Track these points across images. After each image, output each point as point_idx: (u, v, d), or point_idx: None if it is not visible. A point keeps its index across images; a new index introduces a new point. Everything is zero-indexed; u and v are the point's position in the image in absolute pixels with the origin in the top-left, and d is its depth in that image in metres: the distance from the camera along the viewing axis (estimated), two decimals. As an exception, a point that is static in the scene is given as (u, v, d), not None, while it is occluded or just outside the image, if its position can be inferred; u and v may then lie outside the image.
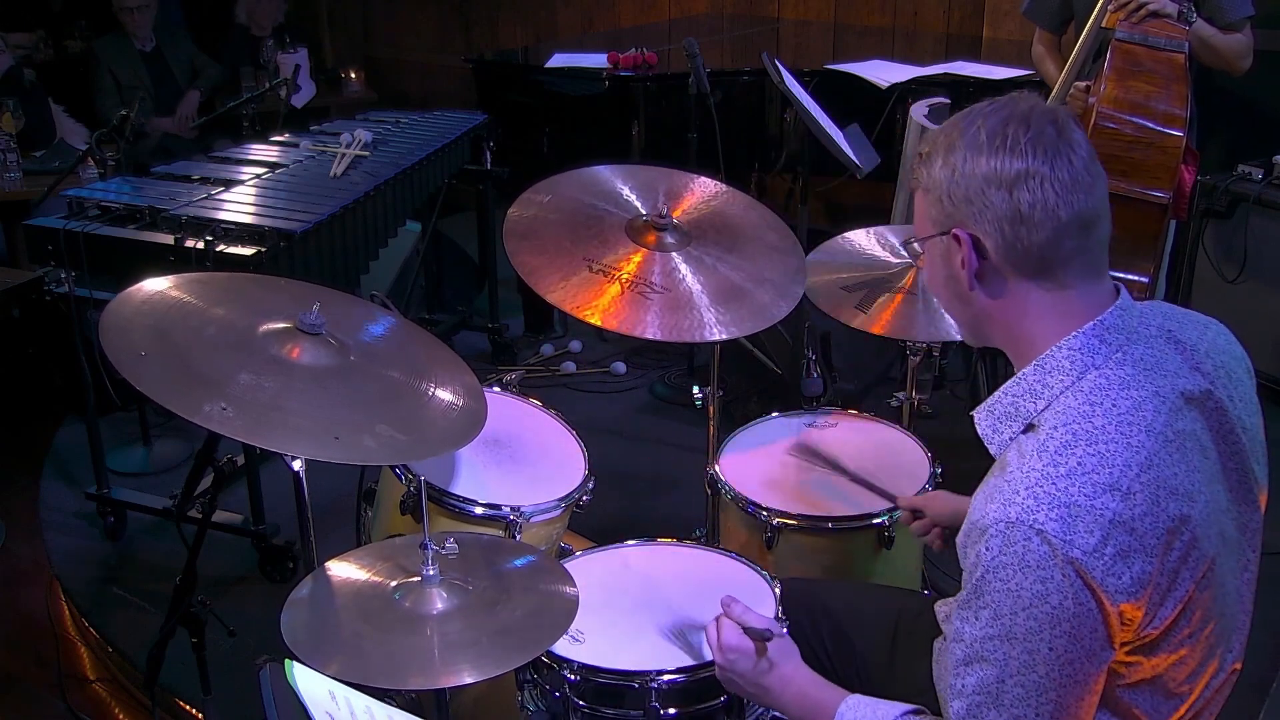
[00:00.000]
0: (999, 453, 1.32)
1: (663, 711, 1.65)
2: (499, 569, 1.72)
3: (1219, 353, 1.38)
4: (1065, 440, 1.23)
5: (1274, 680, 2.61)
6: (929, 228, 1.35)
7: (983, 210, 1.27)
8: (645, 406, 3.99)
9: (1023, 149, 1.25)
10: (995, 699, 1.23)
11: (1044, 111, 1.29)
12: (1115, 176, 2.58)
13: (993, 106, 1.30)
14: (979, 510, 1.24)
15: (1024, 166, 1.25)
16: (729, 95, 3.95)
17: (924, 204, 1.36)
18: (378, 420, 1.71)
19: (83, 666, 2.78)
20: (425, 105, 5.02)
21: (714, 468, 2.24)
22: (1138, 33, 2.65)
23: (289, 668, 1.21)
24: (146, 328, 1.70)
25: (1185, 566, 1.23)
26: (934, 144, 1.33)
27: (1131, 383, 1.26)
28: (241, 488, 3.04)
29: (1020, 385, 1.31)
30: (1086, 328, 1.29)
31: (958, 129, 1.30)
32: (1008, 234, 1.27)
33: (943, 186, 1.30)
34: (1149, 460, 1.21)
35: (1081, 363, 1.28)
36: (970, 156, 1.28)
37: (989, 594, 1.21)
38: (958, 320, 1.43)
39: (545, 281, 2.07)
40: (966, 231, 1.29)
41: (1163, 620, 1.24)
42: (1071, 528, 1.17)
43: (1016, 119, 1.27)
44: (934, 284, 1.41)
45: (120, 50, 5.09)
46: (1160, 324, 1.35)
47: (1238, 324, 1.57)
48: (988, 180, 1.27)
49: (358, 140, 3.37)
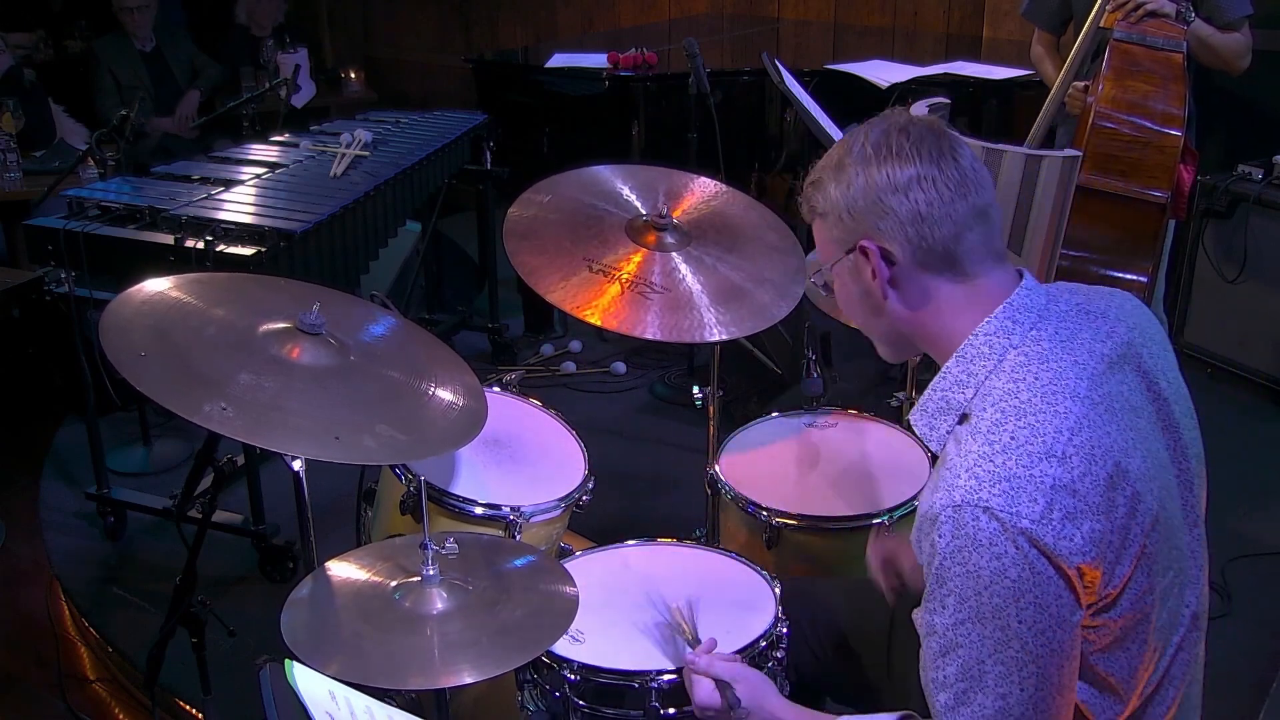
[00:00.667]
0: (939, 448, 1.35)
1: (663, 711, 1.65)
2: (499, 569, 1.72)
3: (1129, 314, 1.41)
4: (995, 420, 1.26)
5: (1274, 680, 2.61)
6: (835, 250, 1.39)
7: (883, 217, 1.32)
8: (645, 406, 3.99)
9: (909, 154, 1.31)
10: (978, 681, 1.25)
11: (920, 120, 1.35)
12: (1114, 176, 2.59)
13: (870, 124, 1.36)
14: (926, 502, 1.27)
15: (915, 171, 1.31)
16: (729, 95, 3.95)
17: (824, 230, 1.40)
18: (378, 420, 1.71)
19: (83, 666, 2.78)
20: (425, 105, 5.02)
21: (714, 468, 2.24)
22: (1136, 32, 2.66)
23: (289, 668, 1.21)
24: (146, 328, 1.70)
25: (1134, 521, 1.26)
26: (821, 170, 1.39)
27: (1050, 355, 1.30)
28: (241, 488, 3.04)
29: (946, 379, 1.35)
30: (997, 312, 1.33)
31: (841, 149, 1.37)
32: (912, 235, 1.32)
33: (840, 205, 1.35)
34: (1078, 424, 1.25)
35: (1000, 345, 1.32)
36: (861, 170, 1.33)
37: (950, 580, 1.24)
38: (876, 337, 1.46)
39: (545, 281, 2.07)
40: (873, 242, 1.34)
41: (1121, 577, 1.26)
42: (1015, 500, 1.20)
43: (897, 129, 1.33)
44: (849, 306, 1.45)
45: (120, 50, 5.09)
46: (1068, 299, 1.39)
47: (1238, 324, 1.58)
48: (883, 189, 1.31)
49: (358, 140, 3.37)
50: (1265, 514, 3.25)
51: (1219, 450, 1.45)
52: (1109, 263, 2.60)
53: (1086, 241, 2.61)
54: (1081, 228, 2.59)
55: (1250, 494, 3.33)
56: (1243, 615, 2.84)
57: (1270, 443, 3.67)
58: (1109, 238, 2.58)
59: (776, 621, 1.75)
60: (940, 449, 1.35)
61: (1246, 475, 3.41)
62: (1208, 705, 1.49)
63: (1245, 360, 3.92)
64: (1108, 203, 2.55)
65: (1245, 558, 3.03)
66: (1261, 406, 3.86)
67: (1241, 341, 3.91)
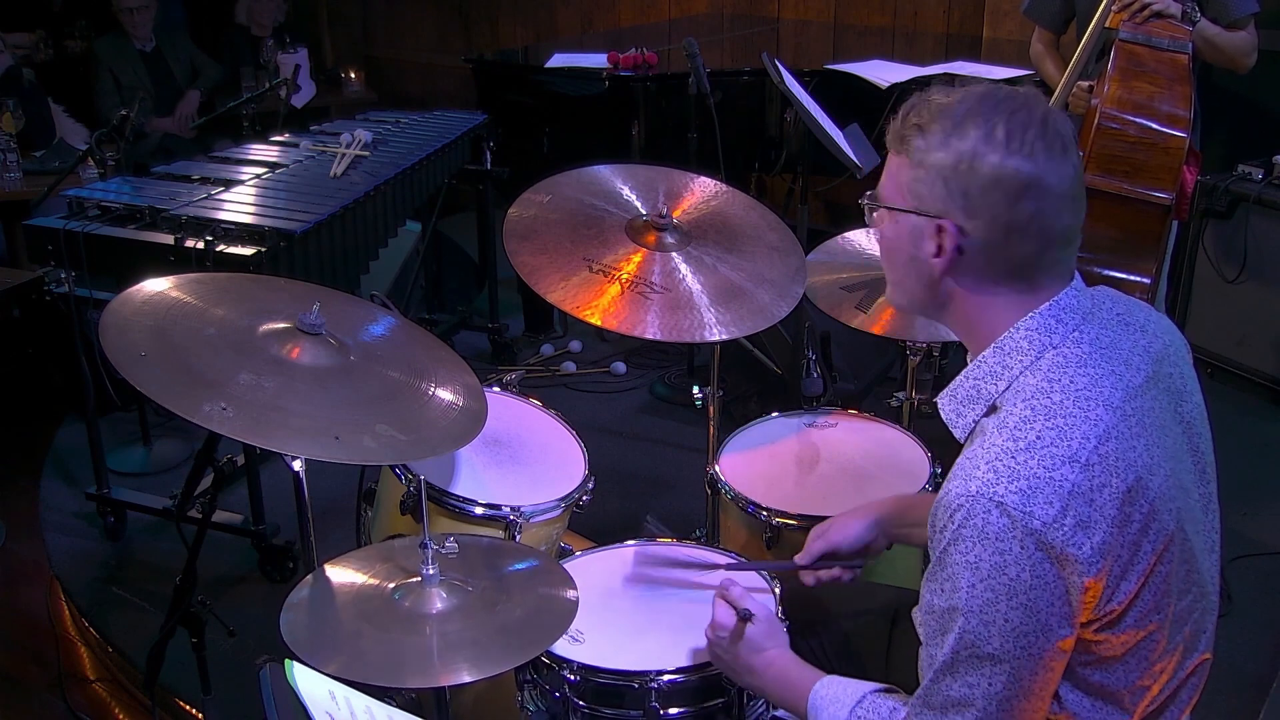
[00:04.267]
0: (963, 436, 1.34)
1: (662, 711, 1.65)
2: (499, 569, 1.72)
3: (1164, 333, 1.40)
4: (1024, 416, 1.25)
5: (1274, 680, 2.61)
6: (908, 199, 1.30)
7: (980, 210, 1.25)
8: (645, 406, 3.99)
9: (1036, 156, 1.23)
10: (951, 668, 1.26)
11: (1059, 118, 1.26)
12: (1118, 177, 2.58)
13: (1014, 101, 1.26)
14: (945, 489, 1.26)
15: (1033, 174, 1.23)
16: (729, 95, 3.94)
17: (907, 174, 1.29)
18: (377, 420, 1.71)
19: (83, 666, 2.78)
20: (425, 105, 5.03)
21: (714, 468, 2.23)
22: (1141, 33, 2.65)
23: (289, 668, 1.21)
24: (146, 328, 1.70)
25: (1146, 539, 1.25)
26: (937, 116, 1.27)
27: (1089, 360, 1.28)
28: (241, 488, 3.04)
29: (981, 368, 1.33)
30: (1042, 308, 1.30)
31: (975, 112, 1.25)
32: (998, 240, 1.26)
33: (944, 168, 1.26)
34: (1106, 433, 1.23)
35: (1039, 343, 1.29)
36: (984, 148, 1.23)
37: (950, 565, 1.24)
38: (900, 289, 1.38)
39: (545, 281, 2.07)
40: (955, 225, 1.27)
41: (1126, 594, 1.25)
42: (1030, 499, 1.19)
43: (1037, 122, 1.24)
44: (888, 252, 1.37)
45: (120, 50, 5.09)
46: (1110, 307, 1.37)
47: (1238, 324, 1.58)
48: (996, 182, 1.24)
49: (358, 140, 3.37)
50: (1265, 514, 3.25)
51: (1219, 450, 1.44)
52: (1112, 263, 2.59)
53: (1089, 242, 2.58)
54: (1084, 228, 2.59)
55: (1250, 494, 3.33)
56: (1243, 615, 2.84)
57: (1270, 443, 3.66)
58: (1112, 238, 2.57)
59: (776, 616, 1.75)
60: (964, 437, 1.34)
61: (1246, 475, 3.41)
62: (1208, 704, 1.49)
63: (1245, 360, 3.92)
64: (1111, 203, 2.54)
65: (1245, 558, 3.03)
66: (1261, 406, 3.86)
67: (1241, 341, 3.91)
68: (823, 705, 1.44)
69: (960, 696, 1.26)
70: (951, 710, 1.27)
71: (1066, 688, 1.31)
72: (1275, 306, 3.78)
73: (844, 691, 1.44)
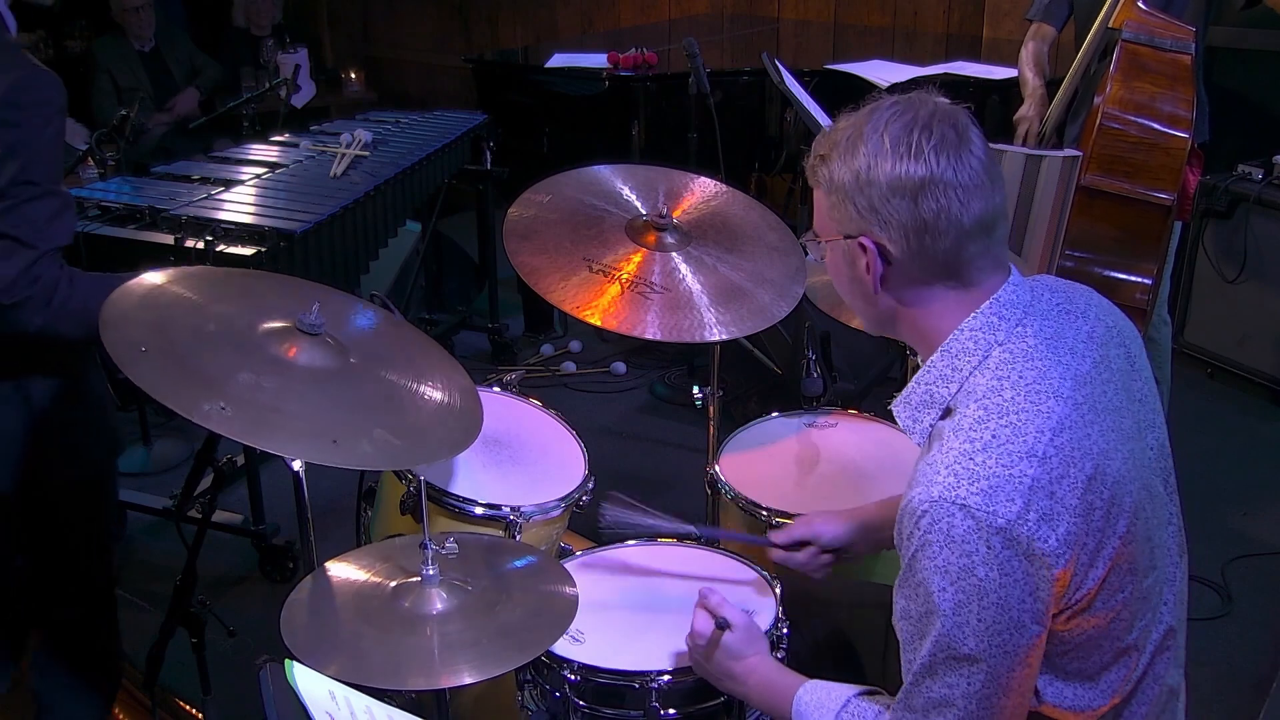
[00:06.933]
0: (921, 441, 1.36)
1: (663, 711, 1.65)
2: (499, 569, 1.72)
3: (1106, 314, 1.41)
4: (978, 417, 1.26)
5: (1274, 680, 2.61)
6: (832, 229, 1.37)
7: (888, 219, 1.30)
8: (645, 406, 3.99)
9: (925, 156, 1.27)
10: (930, 670, 1.28)
11: (946, 114, 1.31)
12: (1119, 177, 2.58)
13: (895, 109, 1.31)
14: (908, 496, 1.27)
15: (927, 174, 1.27)
16: (729, 95, 3.95)
17: (825, 203, 1.37)
18: (375, 425, 1.70)
19: (82, 666, 2.77)
20: (425, 105, 5.03)
21: (714, 468, 2.23)
22: (1144, 33, 2.66)
23: (289, 668, 1.21)
24: (147, 323, 1.70)
25: (1109, 525, 1.26)
26: (833, 145, 1.34)
27: (1035, 354, 1.30)
28: (241, 488, 3.04)
29: (931, 373, 1.35)
30: (984, 307, 1.32)
31: (858, 127, 1.32)
32: (913, 242, 1.30)
33: (846, 190, 1.32)
34: (1060, 425, 1.25)
35: (985, 341, 1.31)
36: (875, 162, 1.29)
37: (920, 571, 1.25)
38: (861, 314, 1.45)
39: (545, 281, 2.06)
40: (872, 240, 1.32)
41: (1094, 580, 1.27)
42: (993, 499, 1.21)
43: (920, 124, 1.28)
44: (838, 280, 1.43)
45: (118, 51, 5.09)
46: (1050, 297, 1.38)
47: (1238, 324, 1.58)
48: (892, 189, 1.28)
49: (358, 140, 3.37)
50: (1265, 514, 3.25)
51: (1219, 450, 1.45)
52: (1113, 264, 2.60)
53: (1091, 242, 2.60)
54: (1086, 228, 2.59)
55: (1250, 494, 3.33)
56: (1243, 615, 2.84)
57: (1270, 443, 3.66)
58: (1113, 239, 2.57)
59: (777, 622, 1.75)
60: (922, 442, 1.36)
61: (1246, 475, 3.41)
62: (1208, 704, 1.49)
63: (1245, 360, 3.92)
64: (1113, 204, 2.55)
65: (1245, 558, 3.03)
66: (1261, 406, 3.86)
67: (1241, 341, 3.91)
68: (807, 711, 1.46)
69: (941, 697, 1.28)
70: (933, 711, 1.29)
71: (1045, 680, 1.33)
72: (1275, 306, 3.78)
73: (828, 696, 1.46)
